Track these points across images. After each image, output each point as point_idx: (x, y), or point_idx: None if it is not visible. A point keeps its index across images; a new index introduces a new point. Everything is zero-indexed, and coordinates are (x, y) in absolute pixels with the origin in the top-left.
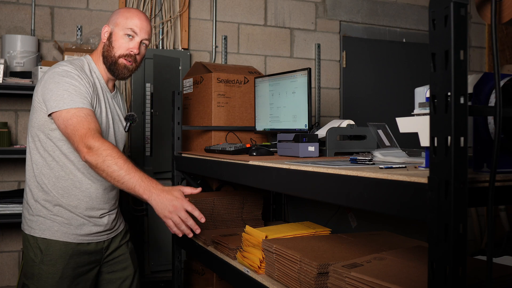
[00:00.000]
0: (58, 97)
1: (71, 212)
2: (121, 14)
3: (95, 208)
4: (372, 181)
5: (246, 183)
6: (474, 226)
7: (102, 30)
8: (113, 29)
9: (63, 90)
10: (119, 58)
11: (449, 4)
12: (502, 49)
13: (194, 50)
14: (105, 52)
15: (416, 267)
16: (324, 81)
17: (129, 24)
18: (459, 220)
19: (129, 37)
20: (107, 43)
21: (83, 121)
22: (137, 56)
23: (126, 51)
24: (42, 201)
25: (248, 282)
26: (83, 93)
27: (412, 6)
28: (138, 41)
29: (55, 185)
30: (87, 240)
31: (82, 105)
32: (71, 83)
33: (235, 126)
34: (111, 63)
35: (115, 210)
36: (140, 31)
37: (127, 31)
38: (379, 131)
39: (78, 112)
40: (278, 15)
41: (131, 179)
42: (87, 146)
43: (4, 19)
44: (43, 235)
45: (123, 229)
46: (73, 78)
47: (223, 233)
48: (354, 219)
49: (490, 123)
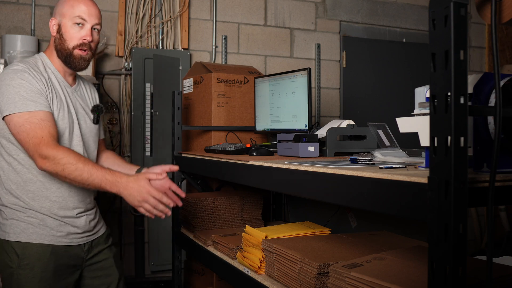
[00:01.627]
0: (9, 101)
1: (44, 215)
2: (66, 3)
3: (70, 208)
4: (372, 181)
5: (246, 183)
6: (474, 226)
7: (49, 24)
8: (60, 20)
9: (14, 92)
10: (74, 50)
11: (449, 4)
12: (502, 49)
13: (194, 50)
14: (57, 46)
15: (416, 267)
16: (324, 81)
17: (76, 12)
18: (459, 220)
19: (79, 26)
20: (57, 36)
21: (35, 128)
22: (91, 44)
23: (79, 40)
24: (14, 206)
25: (248, 282)
26: (36, 93)
27: (412, 6)
28: (89, 28)
29: (24, 189)
30: (65, 242)
31: (35, 108)
32: (22, 84)
33: (235, 126)
34: (66, 56)
35: (92, 210)
36: (89, 17)
37: (76, 20)
38: (379, 131)
39: (30, 118)
40: (278, 15)
41: (95, 179)
42: (41, 156)
43: (4, 19)
44: (18, 238)
45: (104, 232)
46: (25, 77)
47: (223, 233)
48: (354, 219)
49: (490, 123)
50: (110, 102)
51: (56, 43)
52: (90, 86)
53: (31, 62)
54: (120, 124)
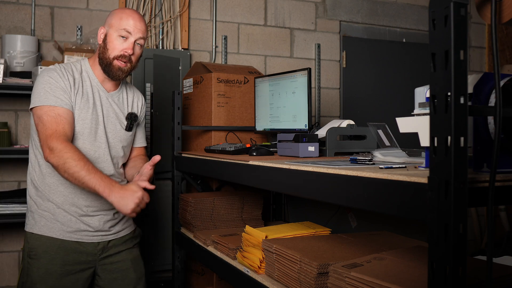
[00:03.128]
0: (36, 95)
1: (58, 208)
2: (115, 15)
3: (82, 205)
4: (372, 181)
5: (246, 183)
6: (474, 226)
7: (98, 32)
8: (108, 30)
9: (41, 88)
10: (114, 60)
11: (449, 4)
12: (502, 49)
13: (194, 50)
14: (100, 54)
15: (416, 267)
16: (324, 81)
17: (123, 24)
18: (459, 220)
19: (123, 38)
20: (102, 45)
21: (51, 121)
22: (132, 57)
23: (120, 52)
24: (35, 197)
25: (248, 282)
26: (59, 90)
27: (412, 6)
28: (132, 42)
29: (43, 181)
30: (76, 238)
31: (55, 103)
32: (48, 81)
33: (235, 126)
34: (106, 65)
35: (111, 211)
36: (134, 31)
37: (121, 32)
38: (379, 131)
39: (49, 111)
40: (278, 15)
41: (92, 179)
42: (49, 147)
43: (4, 19)
44: (32, 229)
45: (127, 234)
46: (52, 75)
47: (223, 233)
48: (354, 219)
49: (490, 123)
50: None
51: (100, 51)
52: (136, 95)
53: (68, 65)
54: None
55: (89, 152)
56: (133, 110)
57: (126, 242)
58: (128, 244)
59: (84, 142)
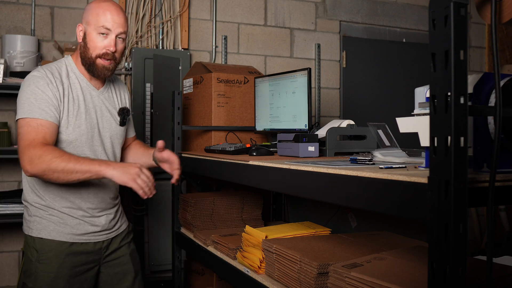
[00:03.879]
0: (20, 106)
1: (65, 214)
2: (91, 11)
3: (89, 208)
4: (372, 181)
5: (246, 183)
6: (474, 226)
7: (77, 30)
8: (86, 28)
9: (26, 98)
10: (96, 59)
11: (449, 4)
12: (502, 49)
13: (194, 50)
14: (82, 54)
15: (416, 267)
16: (324, 81)
17: (101, 21)
18: (459, 220)
19: (103, 35)
20: (82, 44)
21: (31, 131)
22: (115, 54)
23: (102, 50)
24: (37, 205)
25: (248, 282)
26: (45, 102)
27: (412, 6)
28: (113, 38)
29: (46, 189)
30: (84, 239)
31: (39, 115)
32: (34, 91)
33: (235, 126)
34: (89, 64)
35: (113, 209)
36: (113, 27)
37: (100, 30)
38: (379, 131)
39: (31, 121)
40: (278, 15)
41: (82, 165)
42: (28, 159)
43: (4, 19)
44: (40, 235)
45: (125, 229)
46: (39, 85)
47: (223, 233)
48: (354, 219)
49: (490, 123)
50: None
51: (81, 50)
52: (121, 87)
53: (53, 68)
54: None
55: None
56: (121, 104)
57: (124, 237)
58: (126, 239)
59: (83, 149)
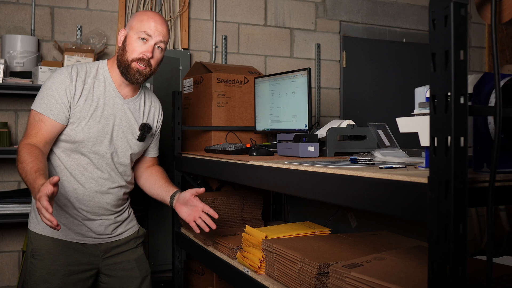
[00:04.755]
0: (37, 97)
1: (61, 209)
2: (136, 17)
3: (84, 210)
4: (372, 181)
5: (246, 183)
6: (474, 226)
7: (118, 34)
8: (128, 32)
9: (41, 91)
10: (132, 62)
11: (449, 4)
12: (502, 49)
13: (194, 50)
14: (119, 56)
15: (416, 267)
16: (324, 81)
17: (143, 27)
18: (459, 220)
19: (143, 41)
20: (121, 47)
21: (32, 123)
22: (151, 60)
23: (139, 54)
24: None
25: (248, 282)
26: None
27: (412, 6)
28: (151, 45)
29: None
30: (78, 240)
31: (45, 112)
32: (50, 87)
33: (235, 126)
34: (124, 67)
35: (113, 216)
36: (154, 34)
37: (141, 34)
38: (379, 131)
39: (35, 115)
40: (278, 15)
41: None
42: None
43: (4, 19)
44: (35, 229)
45: (131, 235)
46: (57, 81)
47: (223, 233)
48: (354, 219)
49: (490, 123)
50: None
51: (119, 53)
52: (154, 104)
53: (83, 68)
54: None
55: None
56: (148, 120)
57: (129, 243)
58: (131, 245)
59: (88, 152)
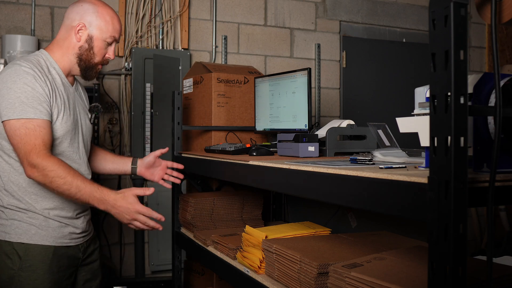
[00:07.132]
0: (9, 105)
1: (46, 217)
2: (101, 17)
3: (71, 209)
4: (372, 181)
5: (246, 183)
6: (474, 226)
7: (75, 27)
8: (93, 33)
9: (15, 97)
10: (98, 65)
11: (449, 4)
12: (502, 49)
13: (194, 50)
14: (82, 55)
15: (416, 267)
16: (324, 81)
17: (112, 31)
18: (459, 220)
19: (109, 44)
20: (85, 46)
21: (30, 134)
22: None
23: (105, 58)
24: (14, 207)
25: (248, 282)
26: (36, 99)
27: (412, 6)
28: (114, 46)
29: (26, 191)
30: (66, 243)
31: (34, 115)
32: (24, 89)
33: (235, 126)
34: (88, 67)
35: (88, 210)
36: (118, 35)
37: (109, 39)
38: (379, 131)
39: (27, 123)
40: (278, 15)
41: (84, 195)
42: (30, 164)
43: (4, 19)
44: (20, 239)
45: (94, 232)
46: (28, 81)
47: (223, 233)
48: (354, 219)
49: (490, 123)
50: (110, 102)
51: (80, 50)
52: (82, 86)
53: (33, 61)
54: (120, 124)
55: (72, 155)
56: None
57: (94, 240)
58: (96, 243)
59: (68, 147)
